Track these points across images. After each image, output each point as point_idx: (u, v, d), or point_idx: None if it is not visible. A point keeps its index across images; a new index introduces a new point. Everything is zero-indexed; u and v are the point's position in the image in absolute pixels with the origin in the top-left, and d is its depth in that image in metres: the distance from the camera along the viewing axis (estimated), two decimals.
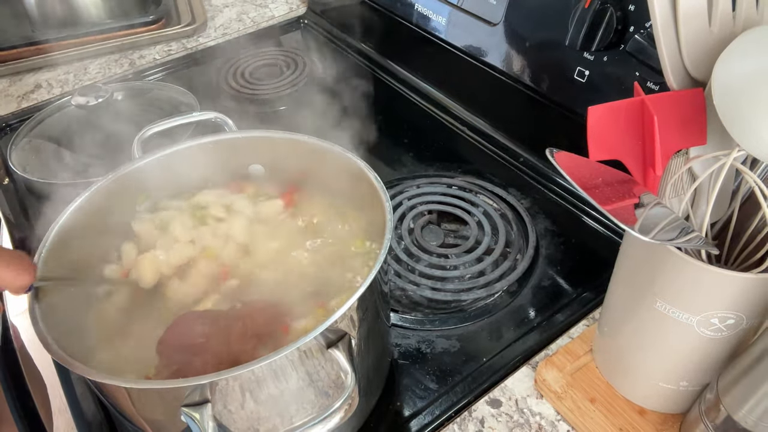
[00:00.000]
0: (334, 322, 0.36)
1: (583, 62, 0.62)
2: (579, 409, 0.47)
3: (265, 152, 0.54)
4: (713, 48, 0.37)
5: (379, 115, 0.85)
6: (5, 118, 0.86)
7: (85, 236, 0.47)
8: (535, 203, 0.69)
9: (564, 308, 0.57)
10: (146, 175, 0.51)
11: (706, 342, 0.40)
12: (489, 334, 0.56)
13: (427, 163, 0.76)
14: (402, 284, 0.59)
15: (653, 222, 0.35)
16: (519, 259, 0.62)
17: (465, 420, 0.49)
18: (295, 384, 0.38)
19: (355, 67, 0.95)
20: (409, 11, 0.85)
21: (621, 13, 0.56)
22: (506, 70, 0.73)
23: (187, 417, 0.34)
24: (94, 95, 0.75)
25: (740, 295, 0.36)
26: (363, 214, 0.51)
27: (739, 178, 0.40)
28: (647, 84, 0.57)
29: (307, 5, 1.10)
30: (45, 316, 0.38)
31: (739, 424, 0.38)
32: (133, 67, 0.96)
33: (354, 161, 0.48)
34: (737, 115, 0.33)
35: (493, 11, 0.71)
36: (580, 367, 0.50)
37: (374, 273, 0.38)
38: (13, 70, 0.96)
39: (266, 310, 0.45)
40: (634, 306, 0.42)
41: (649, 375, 0.44)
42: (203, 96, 0.83)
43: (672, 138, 0.38)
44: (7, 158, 0.73)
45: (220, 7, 1.14)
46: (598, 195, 0.35)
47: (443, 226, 0.67)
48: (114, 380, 0.35)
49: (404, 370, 0.53)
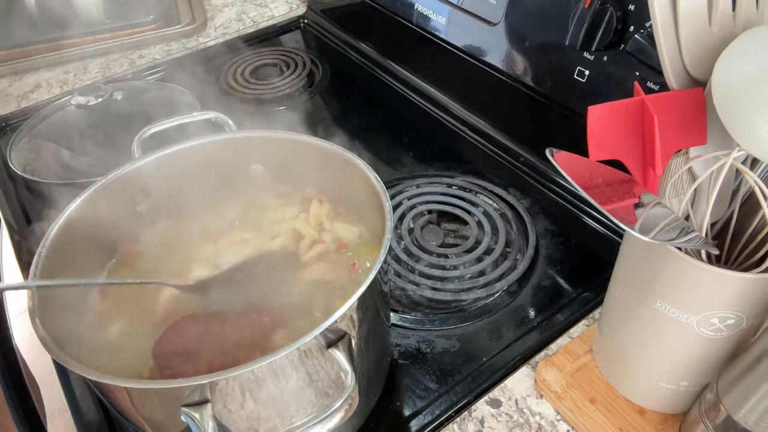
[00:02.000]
0: (334, 322, 0.36)
1: (583, 62, 0.62)
2: (579, 409, 0.47)
3: (265, 152, 0.54)
4: (713, 48, 0.37)
5: (378, 115, 0.85)
6: (5, 117, 0.86)
7: (85, 236, 0.47)
8: (535, 203, 0.69)
9: (564, 308, 0.57)
10: (146, 175, 0.51)
11: (706, 342, 0.40)
12: (489, 333, 0.56)
13: (427, 162, 0.76)
14: (402, 284, 0.59)
15: (653, 222, 0.35)
16: (519, 258, 0.62)
17: (465, 420, 0.49)
18: (295, 384, 0.38)
19: (354, 67, 0.95)
20: (409, 11, 0.85)
21: (621, 13, 0.56)
22: (506, 70, 0.73)
23: (186, 417, 0.34)
24: (94, 95, 0.75)
25: (740, 295, 0.36)
26: (363, 213, 0.51)
27: (739, 178, 0.40)
28: (647, 84, 0.57)
29: (307, 5, 1.10)
30: (44, 317, 0.38)
31: (739, 425, 0.38)
32: (133, 67, 0.96)
33: (354, 161, 0.48)
34: (737, 115, 0.33)
35: (493, 11, 0.71)
36: (580, 367, 0.50)
37: (374, 273, 0.38)
38: (12, 70, 0.96)
39: (262, 318, 0.44)
40: (634, 306, 0.42)
41: (649, 375, 0.44)
42: (203, 96, 0.82)
43: (672, 138, 0.38)
44: (7, 158, 0.73)
45: (220, 6, 1.14)
46: (598, 195, 0.35)
47: (443, 225, 0.67)
48: (114, 380, 0.35)
49: (404, 369, 0.53)
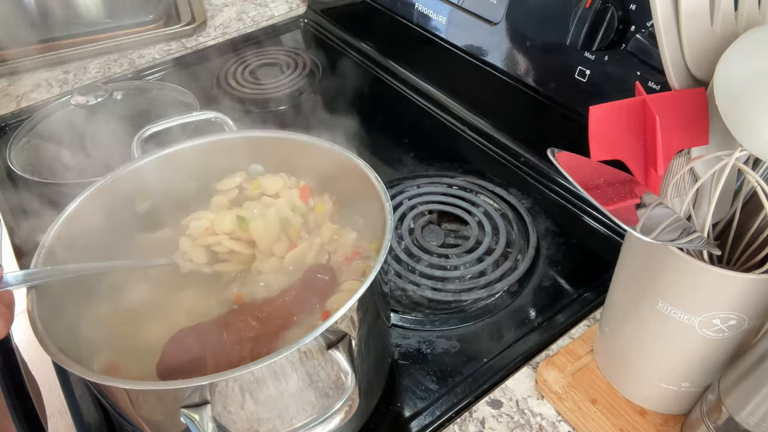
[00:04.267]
0: (334, 323, 0.36)
1: (585, 62, 0.62)
2: (580, 410, 0.47)
3: (265, 152, 0.54)
4: (715, 47, 0.37)
5: (379, 115, 0.85)
6: (5, 117, 0.86)
7: (85, 236, 0.47)
8: (536, 203, 0.68)
9: (565, 308, 0.57)
10: (145, 175, 0.51)
11: (707, 343, 0.39)
12: (490, 334, 0.55)
13: (427, 162, 0.75)
14: (402, 284, 0.59)
15: (655, 222, 0.35)
16: (520, 259, 0.62)
17: (465, 421, 0.49)
18: (295, 385, 0.38)
19: (355, 67, 0.95)
20: (409, 10, 0.84)
21: (622, 13, 0.56)
22: (507, 70, 0.72)
23: (186, 418, 0.34)
24: (93, 95, 0.75)
25: (742, 295, 0.36)
26: (363, 213, 0.51)
27: (741, 179, 0.40)
28: (649, 83, 0.57)
29: (307, 4, 1.10)
30: (44, 318, 0.38)
31: (740, 426, 0.38)
32: (133, 66, 0.96)
33: (354, 161, 0.48)
34: (739, 115, 0.32)
35: (493, 10, 0.71)
36: (580, 368, 0.50)
37: (374, 273, 0.38)
38: (12, 70, 0.96)
39: (261, 309, 0.45)
40: (636, 306, 0.42)
41: (651, 376, 0.44)
42: (203, 96, 0.83)
43: (674, 138, 0.38)
44: (6, 158, 0.73)
45: (220, 6, 1.14)
46: (600, 195, 0.35)
47: (444, 226, 0.66)
48: (113, 381, 0.35)
49: (405, 370, 0.53)
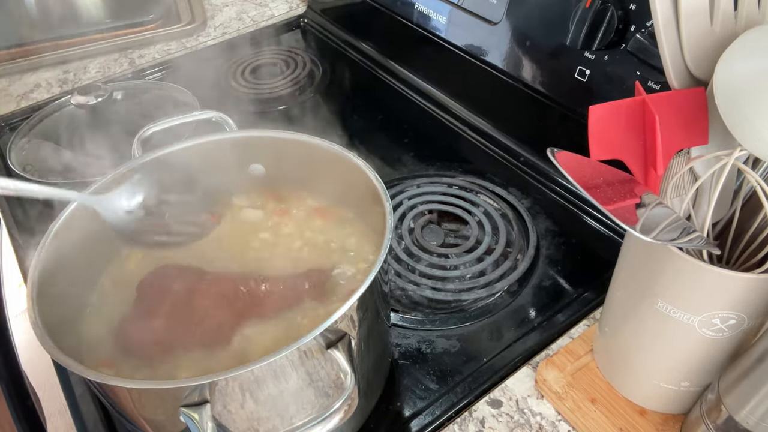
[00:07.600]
0: (334, 323, 0.36)
1: (584, 61, 0.62)
2: (580, 410, 0.47)
3: (265, 151, 0.54)
4: (715, 47, 0.37)
5: (378, 115, 0.85)
6: (5, 117, 0.86)
7: (85, 236, 0.47)
8: (535, 203, 0.68)
9: (565, 308, 0.57)
10: (146, 174, 0.51)
11: (707, 342, 0.39)
12: (489, 334, 0.55)
13: (427, 162, 0.75)
14: (402, 284, 0.59)
15: (655, 222, 0.35)
16: (520, 258, 0.62)
17: (465, 420, 0.49)
18: (295, 384, 0.38)
19: (355, 67, 0.95)
20: (409, 10, 0.84)
21: (622, 12, 0.56)
22: (507, 70, 0.72)
23: (186, 417, 0.34)
24: (93, 94, 0.75)
25: (742, 295, 0.36)
26: (363, 213, 0.51)
27: (740, 178, 0.40)
28: (648, 83, 0.57)
29: (306, 4, 1.10)
30: (44, 318, 0.38)
31: (740, 425, 0.38)
32: (133, 66, 0.96)
33: (354, 161, 0.48)
34: (739, 115, 0.32)
35: (493, 10, 0.71)
36: (580, 368, 0.50)
37: (374, 273, 0.38)
38: (12, 70, 0.95)
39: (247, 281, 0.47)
40: (635, 306, 0.42)
41: (650, 375, 0.44)
42: (203, 95, 0.82)
43: (673, 137, 0.38)
44: (6, 158, 0.73)
45: (220, 6, 1.14)
46: (600, 195, 0.35)
47: (444, 225, 0.66)
48: (113, 380, 0.35)
49: (404, 370, 0.53)
